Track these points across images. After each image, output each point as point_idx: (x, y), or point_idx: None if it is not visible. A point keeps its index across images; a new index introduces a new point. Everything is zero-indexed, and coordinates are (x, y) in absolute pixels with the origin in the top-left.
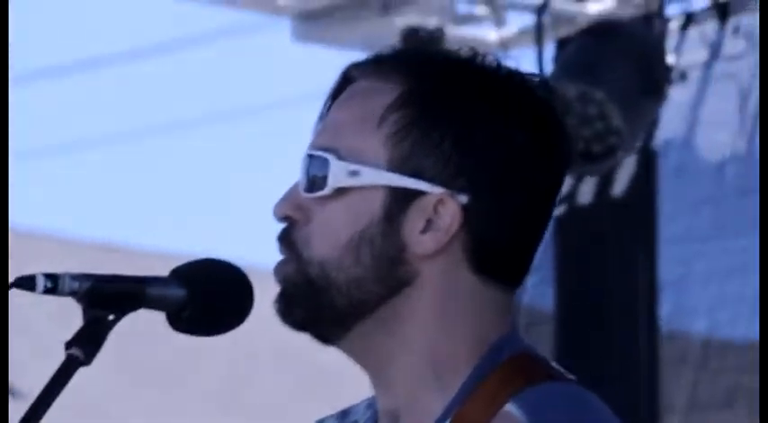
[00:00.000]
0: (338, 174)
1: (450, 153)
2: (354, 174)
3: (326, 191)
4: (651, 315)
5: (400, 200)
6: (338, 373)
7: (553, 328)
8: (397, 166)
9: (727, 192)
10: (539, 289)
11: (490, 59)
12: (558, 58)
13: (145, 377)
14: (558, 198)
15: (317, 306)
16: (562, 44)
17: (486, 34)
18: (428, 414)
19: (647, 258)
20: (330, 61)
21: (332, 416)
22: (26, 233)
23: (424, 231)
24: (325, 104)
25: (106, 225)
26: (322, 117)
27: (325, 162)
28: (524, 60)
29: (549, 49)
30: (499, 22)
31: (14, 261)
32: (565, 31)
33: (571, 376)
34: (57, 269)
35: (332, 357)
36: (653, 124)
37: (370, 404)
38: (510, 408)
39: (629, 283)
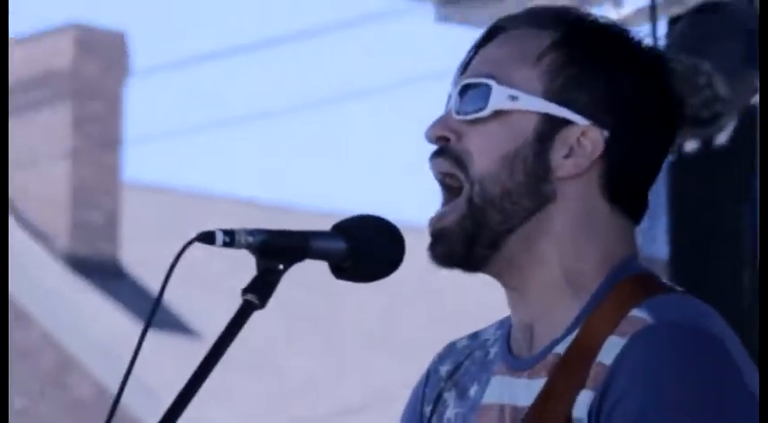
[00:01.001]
0: (499, 97)
1: (601, 91)
2: (514, 98)
3: (487, 112)
4: (754, 255)
5: (550, 126)
6: (477, 317)
7: (666, 269)
8: (550, 97)
9: None
10: (650, 233)
11: (640, 32)
12: (669, 35)
13: (303, 321)
14: (671, 143)
15: (475, 229)
16: (673, 22)
17: (607, 13)
18: (560, 323)
19: (749, 200)
20: (469, 38)
21: (463, 337)
22: (201, 194)
23: (566, 156)
24: (470, 50)
25: (270, 187)
26: (467, 62)
27: (486, 88)
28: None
29: (662, 27)
30: (617, 2)
31: (192, 220)
32: (676, 10)
33: (682, 289)
34: (229, 226)
35: (472, 303)
36: (754, 90)
37: (501, 324)
38: (636, 312)
39: (735, 226)
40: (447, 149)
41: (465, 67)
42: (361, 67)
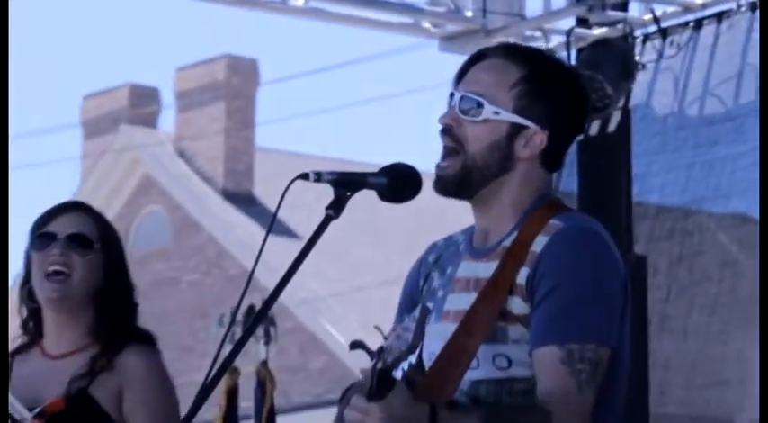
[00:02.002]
0: (488, 111)
1: (546, 108)
2: (496, 113)
3: (480, 118)
4: (629, 193)
5: (515, 129)
6: (458, 224)
7: (576, 199)
8: (517, 112)
9: (668, 130)
10: (567, 178)
11: (560, 57)
12: (578, 58)
13: (361, 228)
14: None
15: (465, 180)
16: (580, 51)
17: (540, 44)
18: (505, 229)
19: (626, 163)
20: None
21: (441, 239)
22: (304, 154)
23: (524, 147)
24: (463, 66)
25: (346, 148)
26: (462, 73)
27: (480, 103)
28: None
29: (574, 54)
30: (547, 40)
31: (298, 169)
32: (581, 44)
33: (576, 210)
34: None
35: (460, 217)
36: (628, 93)
37: (465, 231)
38: (553, 221)
39: (617, 176)
40: (451, 132)
41: (461, 75)
42: (395, 77)
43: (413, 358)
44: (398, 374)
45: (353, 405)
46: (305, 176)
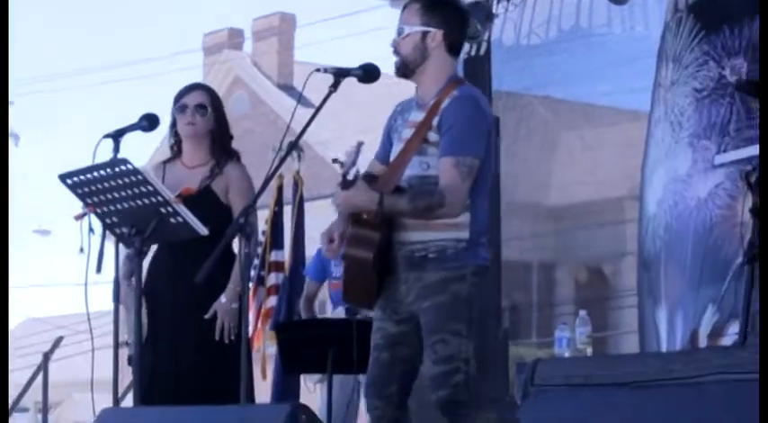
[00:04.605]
0: (407, 30)
1: (440, 19)
2: (412, 27)
3: (404, 35)
4: (490, 86)
5: (424, 34)
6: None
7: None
8: (423, 25)
9: (510, 53)
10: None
11: None
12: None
13: (350, 102)
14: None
15: (405, 66)
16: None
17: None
18: (431, 95)
19: (489, 70)
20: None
21: (403, 101)
22: (322, 64)
23: (432, 41)
24: (400, 14)
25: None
26: (401, 16)
27: (403, 28)
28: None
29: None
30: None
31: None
32: (469, 1)
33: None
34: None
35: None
36: (490, 31)
37: (415, 96)
38: (454, 91)
39: (484, 77)
40: (396, 49)
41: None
42: (366, 20)
43: (354, 169)
44: (353, 175)
45: (334, 192)
46: (318, 70)
